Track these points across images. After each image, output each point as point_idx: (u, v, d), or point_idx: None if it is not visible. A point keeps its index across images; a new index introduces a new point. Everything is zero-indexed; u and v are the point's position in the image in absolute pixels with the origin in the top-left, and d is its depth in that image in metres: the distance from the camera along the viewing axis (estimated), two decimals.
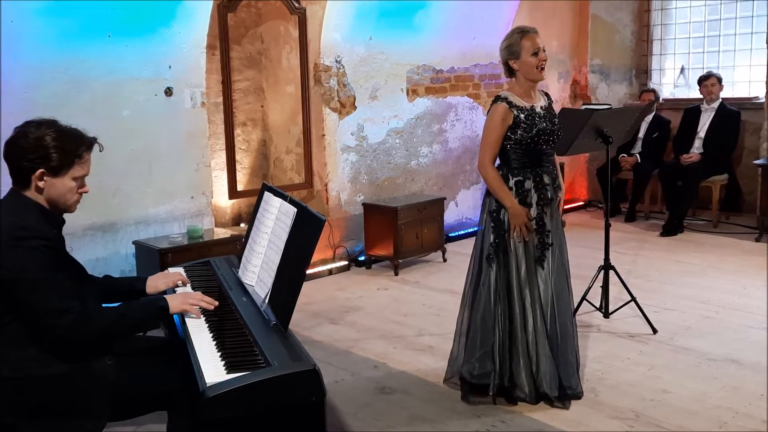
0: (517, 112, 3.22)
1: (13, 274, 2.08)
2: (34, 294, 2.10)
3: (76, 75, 4.37)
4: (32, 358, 2.15)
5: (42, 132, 2.20)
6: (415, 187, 6.43)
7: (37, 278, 2.10)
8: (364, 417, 3.27)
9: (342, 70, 5.78)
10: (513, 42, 3.23)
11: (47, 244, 2.15)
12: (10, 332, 2.15)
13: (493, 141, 3.24)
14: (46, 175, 2.21)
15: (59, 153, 2.20)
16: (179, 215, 4.93)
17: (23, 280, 2.09)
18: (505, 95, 3.26)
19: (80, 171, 2.27)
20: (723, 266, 5.55)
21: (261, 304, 2.48)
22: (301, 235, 2.41)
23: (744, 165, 7.04)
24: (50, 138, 2.20)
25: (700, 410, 3.25)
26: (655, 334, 4.15)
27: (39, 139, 2.19)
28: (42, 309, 2.11)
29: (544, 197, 3.28)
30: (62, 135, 2.23)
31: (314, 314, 4.72)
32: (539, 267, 3.27)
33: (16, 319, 2.15)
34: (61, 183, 2.23)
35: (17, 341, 2.15)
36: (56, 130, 2.23)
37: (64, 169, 2.22)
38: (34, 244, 2.11)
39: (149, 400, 2.34)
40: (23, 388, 2.14)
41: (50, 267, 2.14)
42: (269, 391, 2.00)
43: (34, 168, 2.19)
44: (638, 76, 8.11)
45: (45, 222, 2.21)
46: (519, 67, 3.24)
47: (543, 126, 3.24)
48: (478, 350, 3.33)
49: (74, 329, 2.14)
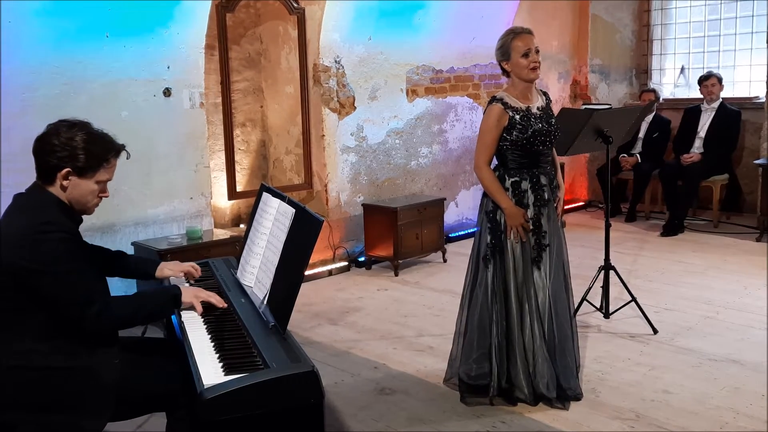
0: (512, 113, 3.20)
1: (41, 265, 2.11)
2: (61, 285, 2.14)
3: (74, 76, 4.36)
4: (45, 352, 2.17)
5: (74, 132, 2.24)
6: (415, 188, 6.42)
7: (63, 269, 2.14)
8: (363, 418, 3.26)
9: (341, 71, 5.78)
10: (504, 43, 3.22)
11: (71, 237, 2.20)
12: (27, 325, 2.17)
13: (488, 142, 3.23)
14: (71, 175, 2.24)
15: (87, 155, 2.24)
16: (178, 216, 4.92)
17: (50, 271, 2.12)
18: (501, 96, 3.25)
19: (105, 175, 2.31)
20: (724, 266, 5.53)
21: (259, 306, 2.47)
22: (299, 236, 2.40)
23: (744, 165, 7.03)
24: (80, 139, 2.24)
25: (701, 411, 3.24)
26: (655, 334, 4.14)
27: (70, 138, 2.23)
28: (69, 300, 2.15)
29: (540, 198, 3.26)
30: (93, 138, 2.27)
31: (314, 315, 4.71)
32: (535, 268, 3.26)
33: (32, 311, 2.16)
34: (85, 184, 2.27)
35: (31, 334, 2.17)
36: (87, 133, 2.27)
37: (90, 172, 2.26)
38: (59, 237, 2.15)
39: (148, 401, 2.34)
40: (28, 381, 2.15)
41: (75, 258, 2.18)
42: (267, 393, 1.99)
43: (61, 166, 2.22)
44: (638, 76, 8.10)
45: (65, 217, 2.25)
46: (511, 68, 3.23)
47: (539, 127, 3.22)
48: (475, 351, 3.32)
49: (99, 320, 2.19)
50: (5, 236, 2.14)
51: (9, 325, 2.17)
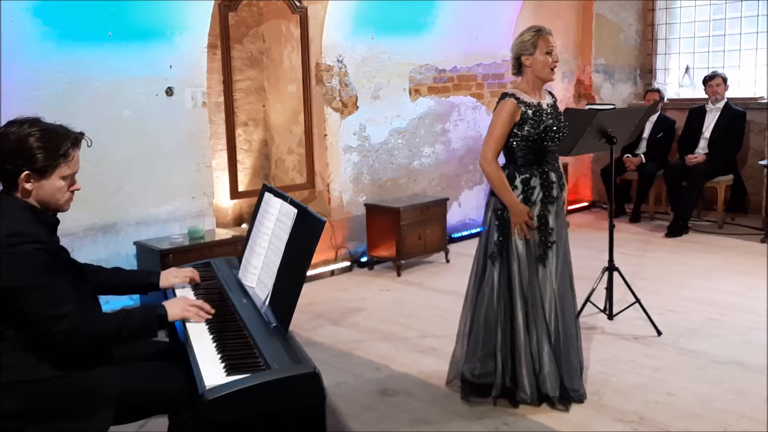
0: (525, 108, 3.21)
1: (9, 281, 2.02)
2: (30, 300, 2.04)
3: (77, 75, 4.35)
4: (35, 364, 2.11)
5: (24, 132, 2.11)
6: (417, 188, 6.40)
7: (32, 284, 2.04)
8: (366, 419, 3.24)
9: (344, 70, 5.76)
10: (528, 38, 3.23)
11: (41, 247, 2.07)
12: (15, 339, 2.11)
13: (498, 136, 3.22)
14: (32, 177, 2.12)
15: (43, 153, 2.11)
16: (180, 216, 4.91)
17: (19, 286, 2.03)
18: (513, 92, 3.25)
19: (68, 170, 2.17)
20: (728, 267, 5.51)
21: (261, 306, 2.46)
22: (301, 236, 2.39)
23: (749, 165, 7.00)
24: (33, 138, 2.11)
25: (705, 413, 3.22)
26: (659, 336, 4.12)
27: (21, 140, 2.10)
28: (38, 315, 2.05)
29: (549, 195, 3.25)
30: (46, 134, 2.13)
31: (316, 315, 4.70)
32: (541, 266, 3.24)
33: (15, 327, 2.10)
34: (49, 184, 2.15)
35: (20, 347, 2.11)
36: (39, 129, 2.13)
37: (51, 170, 2.14)
38: (27, 249, 2.04)
39: (151, 405, 2.32)
40: (27, 392, 2.10)
41: (46, 271, 2.07)
42: (269, 394, 1.99)
43: (18, 171, 2.10)
44: (643, 75, 8.08)
45: (38, 224, 2.14)
46: (531, 63, 3.23)
47: (550, 123, 3.22)
48: (480, 350, 3.30)
49: (71, 335, 2.08)
50: None
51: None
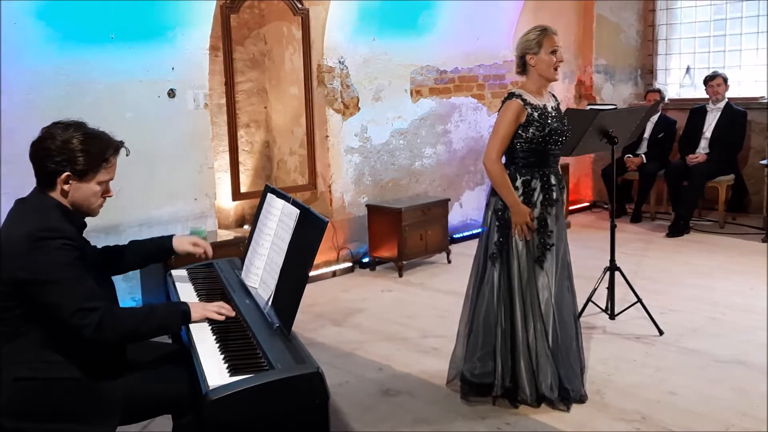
0: (531, 110, 3.21)
1: (39, 274, 2.05)
2: (60, 293, 2.07)
3: (79, 77, 4.36)
4: (48, 362, 2.13)
5: (69, 134, 2.17)
6: (419, 189, 6.41)
7: (61, 277, 2.07)
8: (368, 419, 3.25)
9: (345, 71, 5.77)
10: (536, 36, 3.22)
11: (70, 243, 2.12)
12: (32, 335, 2.13)
13: (503, 135, 3.22)
14: (71, 179, 2.18)
15: (86, 157, 2.17)
16: (182, 217, 4.91)
17: (49, 280, 2.06)
18: (519, 92, 3.25)
19: (106, 175, 2.24)
20: (730, 267, 5.51)
21: (264, 307, 2.47)
22: (303, 237, 2.39)
23: (750, 165, 7.01)
24: (77, 141, 2.16)
25: (706, 412, 3.22)
26: (661, 335, 4.12)
27: (66, 141, 2.16)
28: (68, 308, 2.07)
29: (549, 197, 3.26)
30: (90, 138, 2.20)
31: (318, 316, 4.70)
32: (539, 267, 3.25)
33: (38, 321, 2.11)
34: (87, 187, 2.21)
35: (37, 345, 2.13)
36: (84, 133, 2.19)
37: (91, 173, 2.19)
38: (57, 244, 2.08)
39: (155, 406, 2.33)
40: (34, 390, 2.12)
41: (74, 266, 2.10)
42: (272, 394, 1.99)
43: (60, 171, 2.16)
44: (643, 76, 8.08)
45: (67, 222, 2.18)
46: (535, 62, 3.23)
47: (555, 126, 3.23)
48: (480, 350, 3.31)
49: (100, 328, 2.10)
50: (5, 246, 2.09)
51: (14, 336, 2.12)
